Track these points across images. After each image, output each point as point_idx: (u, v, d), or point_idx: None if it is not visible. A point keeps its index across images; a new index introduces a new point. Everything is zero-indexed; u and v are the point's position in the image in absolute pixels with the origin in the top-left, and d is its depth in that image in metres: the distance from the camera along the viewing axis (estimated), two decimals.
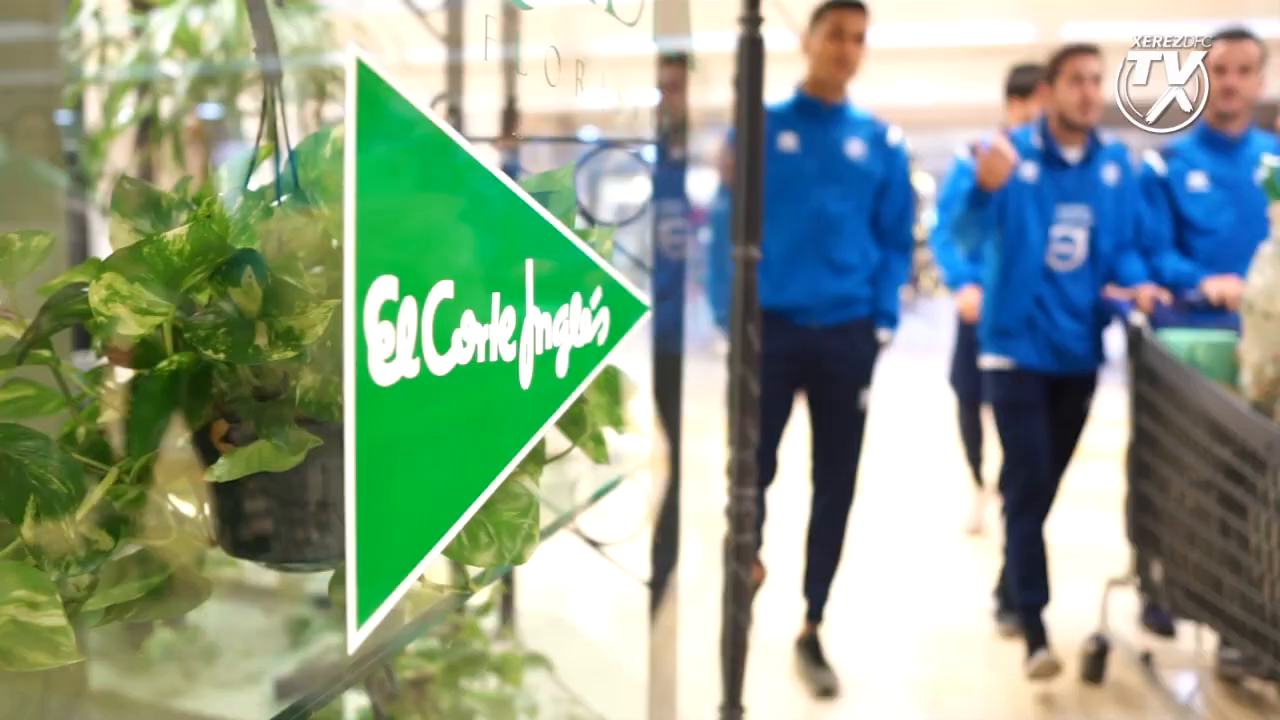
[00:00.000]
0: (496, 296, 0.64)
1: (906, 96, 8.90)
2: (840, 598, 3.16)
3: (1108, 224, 2.94)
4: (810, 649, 2.96)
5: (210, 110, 2.14)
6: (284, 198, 0.81)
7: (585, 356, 0.80)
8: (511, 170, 1.76)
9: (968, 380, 4.04)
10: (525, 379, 0.69)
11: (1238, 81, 2.86)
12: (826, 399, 2.96)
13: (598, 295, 0.81)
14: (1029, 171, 2.90)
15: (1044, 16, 7.78)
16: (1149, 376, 2.60)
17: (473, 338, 0.61)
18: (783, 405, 2.97)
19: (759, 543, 2.94)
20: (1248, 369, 2.21)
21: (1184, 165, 3.00)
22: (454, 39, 2.06)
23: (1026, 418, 2.99)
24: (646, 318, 0.95)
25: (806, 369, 2.93)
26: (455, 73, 2.11)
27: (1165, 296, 2.77)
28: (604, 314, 0.83)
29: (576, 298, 0.77)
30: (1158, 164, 3.04)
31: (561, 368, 0.75)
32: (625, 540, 1.37)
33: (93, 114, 2.08)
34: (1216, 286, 2.74)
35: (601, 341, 0.83)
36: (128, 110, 2.06)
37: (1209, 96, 2.88)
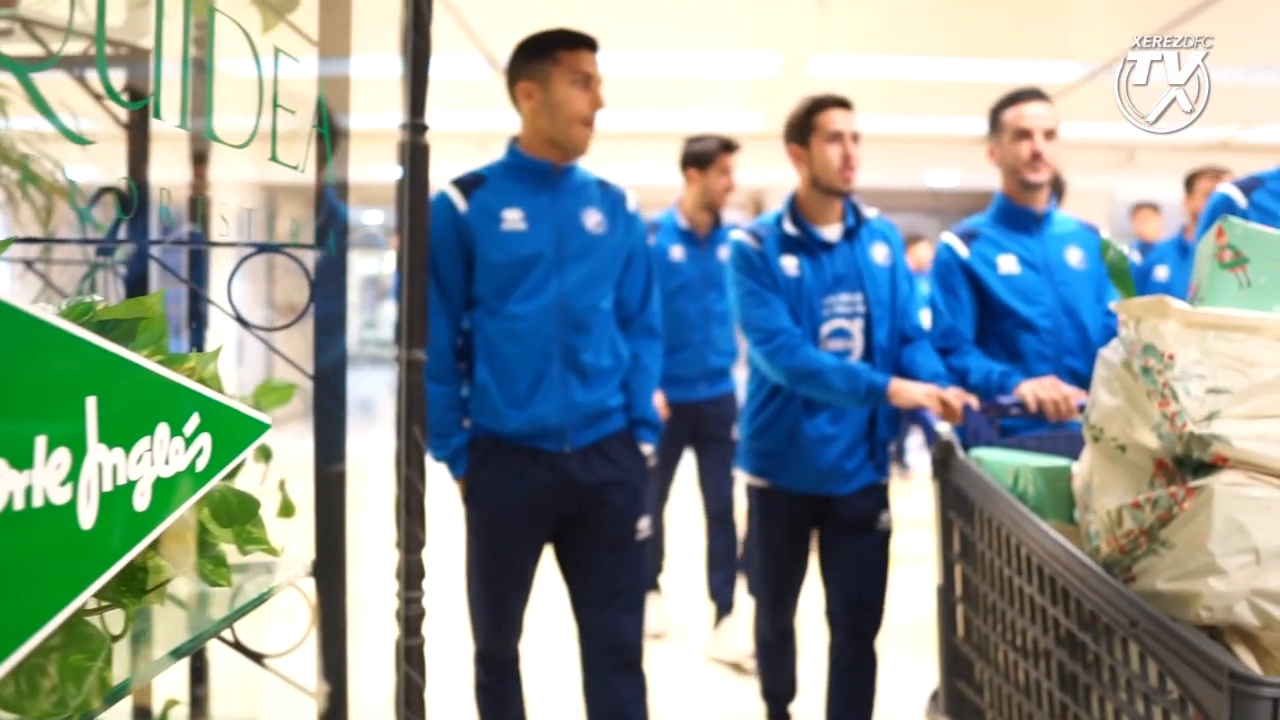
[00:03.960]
0: (42, 440, 0.62)
1: (641, 177, 9.26)
2: None
3: (884, 311, 2.54)
4: None
5: None
6: None
7: (178, 485, 0.78)
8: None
9: (660, 483, 3.82)
10: (87, 519, 0.67)
11: (1045, 147, 2.49)
12: (591, 538, 2.35)
13: (194, 421, 0.80)
14: (790, 266, 2.51)
15: (771, 106, 8.33)
16: (960, 506, 2.02)
17: (4, 486, 0.59)
18: (532, 565, 2.36)
19: None
20: (1096, 514, 1.60)
21: (991, 247, 2.56)
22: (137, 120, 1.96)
23: (776, 524, 2.64)
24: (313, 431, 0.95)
25: (561, 507, 2.32)
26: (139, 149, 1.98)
27: (974, 400, 2.28)
28: (204, 439, 0.81)
29: (163, 427, 0.76)
30: (959, 247, 2.58)
31: (142, 501, 0.73)
32: (290, 651, 1.34)
33: None
34: (1032, 390, 2.26)
35: (202, 467, 0.82)
36: None
37: (1013, 166, 2.53)
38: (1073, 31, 6.13)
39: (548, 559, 2.42)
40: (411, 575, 1.35)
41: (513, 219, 2.26)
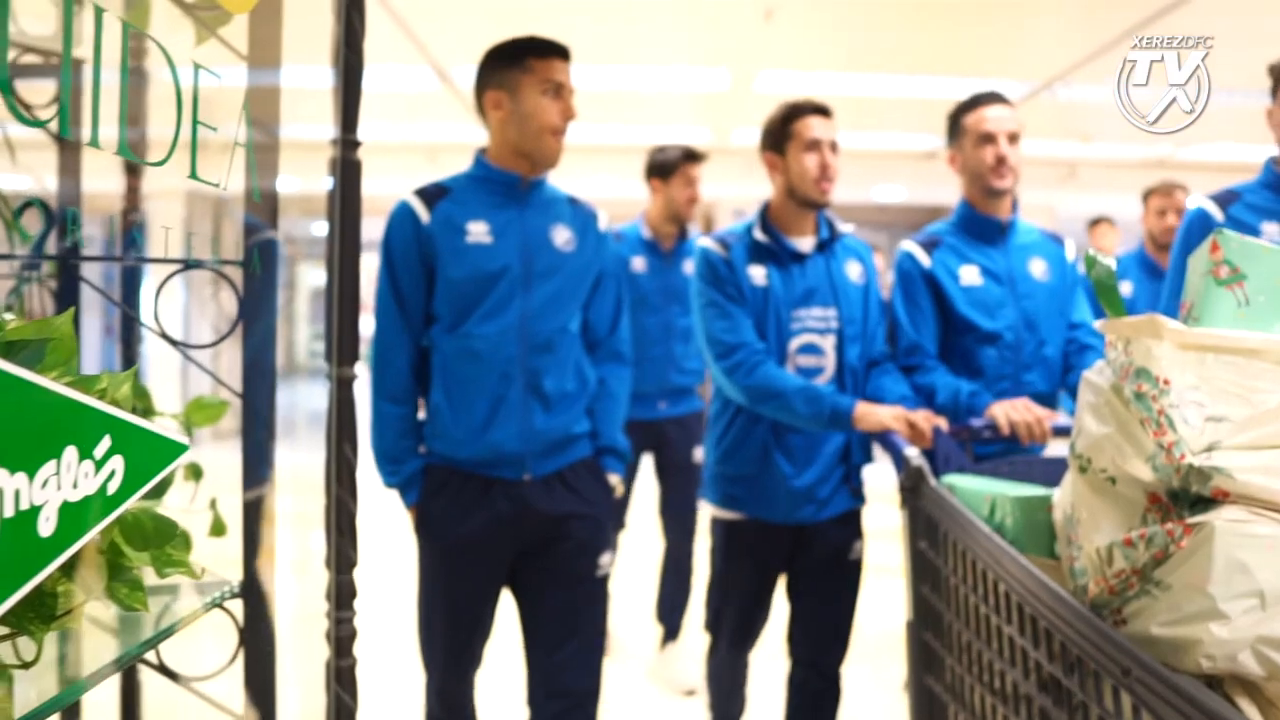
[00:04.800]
0: None
1: (589, 190, 9.24)
2: None
3: (856, 329, 2.41)
4: None
5: None
6: None
7: (88, 509, 0.77)
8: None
9: (616, 509, 3.63)
10: None
11: (1010, 151, 2.38)
12: (548, 572, 2.21)
13: (105, 444, 0.78)
14: (758, 276, 2.38)
15: (720, 120, 8.38)
16: (932, 537, 1.89)
17: None
18: (490, 602, 2.23)
19: None
20: (1084, 551, 1.48)
21: (953, 256, 2.44)
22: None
23: (744, 563, 2.48)
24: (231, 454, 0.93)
25: (519, 539, 2.18)
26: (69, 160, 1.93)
27: (943, 422, 2.16)
28: (116, 462, 0.80)
29: (71, 451, 0.74)
30: (921, 255, 2.45)
31: (48, 526, 0.72)
32: (215, 674, 1.31)
33: None
34: (1004, 412, 2.17)
35: (114, 490, 0.80)
36: None
37: (977, 172, 2.42)
38: (1015, 50, 6.25)
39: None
40: (342, 595, 1.33)
41: (478, 232, 2.14)
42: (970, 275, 2.42)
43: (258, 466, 1.24)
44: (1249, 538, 1.24)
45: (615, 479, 2.30)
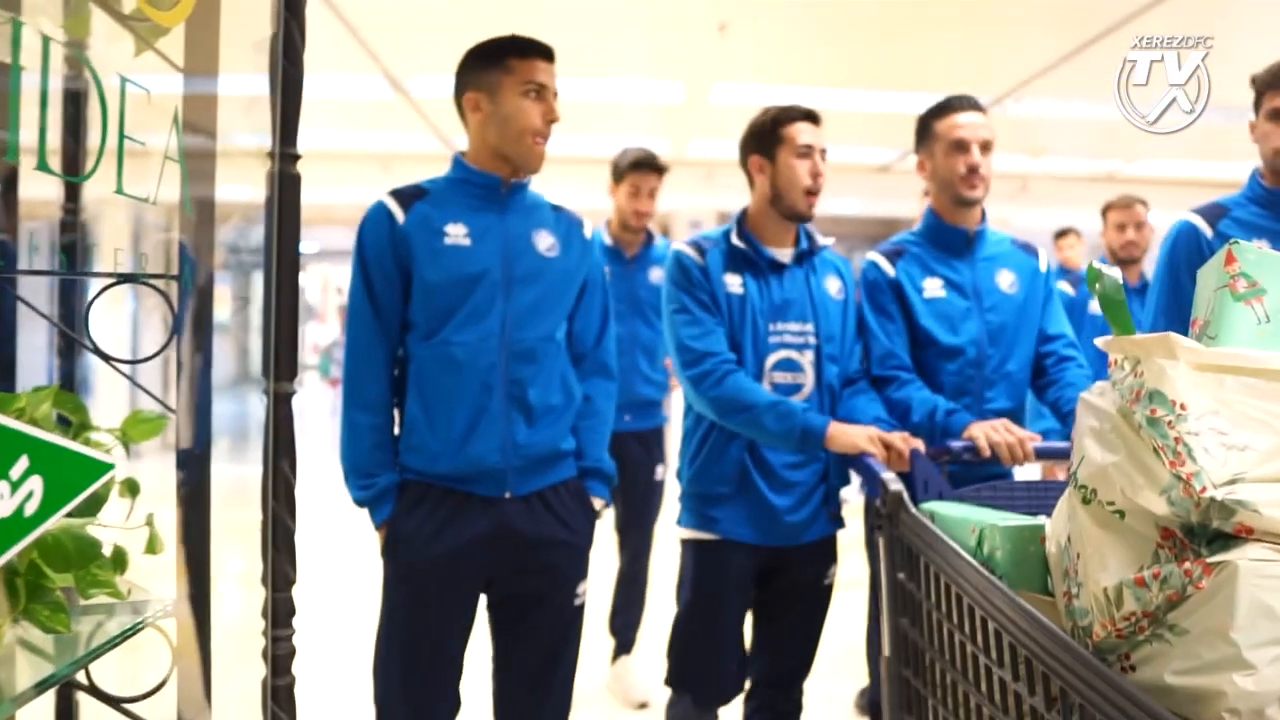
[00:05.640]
0: None
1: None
2: None
3: (835, 346, 2.31)
4: None
5: None
6: None
7: (3, 531, 0.75)
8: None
9: None
10: None
11: (982, 161, 2.29)
12: (520, 600, 2.12)
13: (22, 465, 0.76)
14: (734, 284, 2.28)
15: (676, 132, 8.41)
16: (911, 569, 1.76)
17: None
18: (461, 633, 2.10)
19: None
20: (1087, 590, 1.33)
21: (916, 267, 2.36)
22: None
23: (717, 592, 2.32)
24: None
25: (495, 561, 2.07)
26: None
27: (921, 444, 2.05)
28: (34, 483, 0.78)
29: None
30: (885, 265, 2.37)
31: None
32: (149, 694, 1.29)
33: None
34: (984, 432, 2.08)
35: (31, 512, 0.78)
36: None
37: (947, 180, 2.33)
38: (967, 65, 6.34)
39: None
40: (279, 613, 1.31)
41: (456, 234, 2.04)
42: (934, 287, 2.34)
43: (192, 482, 1.22)
44: (1276, 579, 1.12)
45: (599, 503, 2.19)
